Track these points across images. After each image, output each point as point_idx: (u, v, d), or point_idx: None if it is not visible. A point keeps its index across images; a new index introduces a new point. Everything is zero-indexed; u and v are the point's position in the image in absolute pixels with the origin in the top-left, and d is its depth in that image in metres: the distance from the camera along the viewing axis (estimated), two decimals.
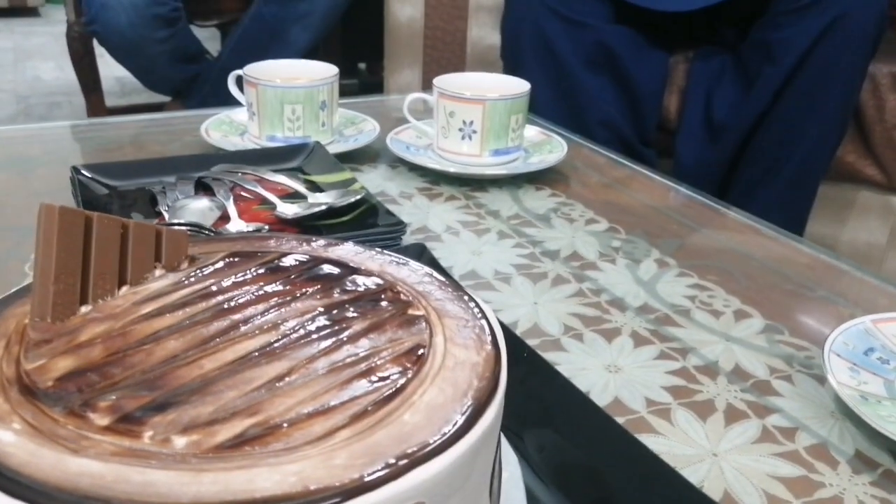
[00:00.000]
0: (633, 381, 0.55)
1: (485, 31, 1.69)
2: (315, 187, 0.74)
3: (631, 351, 0.58)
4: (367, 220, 0.69)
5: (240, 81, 0.95)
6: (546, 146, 0.94)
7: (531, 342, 0.58)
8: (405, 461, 0.31)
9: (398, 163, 0.93)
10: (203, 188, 0.73)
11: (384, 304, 0.40)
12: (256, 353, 0.36)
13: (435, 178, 0.89)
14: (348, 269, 0.44)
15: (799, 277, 0.71)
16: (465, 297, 0.41)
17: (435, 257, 0.63)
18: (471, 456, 0.33)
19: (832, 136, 1.49)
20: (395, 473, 0.30)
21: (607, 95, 1.53)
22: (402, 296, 0.41)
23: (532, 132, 0.97)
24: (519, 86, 0.90)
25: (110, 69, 2.38)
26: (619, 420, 0.50)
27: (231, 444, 0.31)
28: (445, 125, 0.89)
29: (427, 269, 0.44)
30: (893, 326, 0.57)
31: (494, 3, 1.65)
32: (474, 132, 0.87)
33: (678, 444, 0.49)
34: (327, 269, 0.44)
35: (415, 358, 0.36)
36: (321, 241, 0.48)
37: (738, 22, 1.57)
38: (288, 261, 0.44)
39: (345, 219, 0.69)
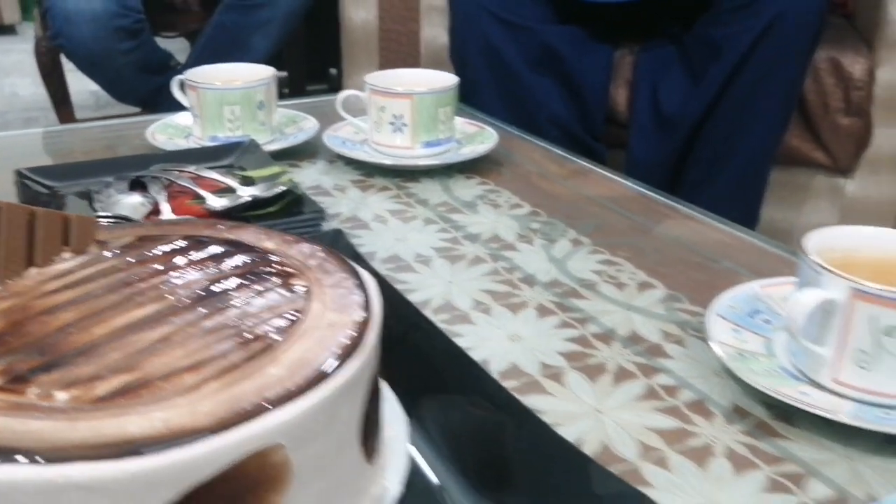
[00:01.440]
0: (532, 348, 0.58)
1: (437, 31, 1.72)
2: (249, 181, 0.78)
3: (534, 321, 0.62)
4: (291, 210, 0.72)
5: (184, 86, 0.98)
6: (478, 137, 0.98)
7: (441, 317, 0.62)
8: (262, 406, 0.34)
9: (336, 158, 0.96)
10: (139, 186, 0.76)
11: (270, 276, 0.44)
12: (142, 320, 0.39)
13: (370, 171, 0.92)
14: (243, 248, 0.47)
15: (707, 251, 0.75)
16: (351, 273, 0.45)
17: (350, 242, 0.67)
18: (329, 404, 0.36)
19: (777, 127, 1.53)
20: (251, 416, 0.34)
21: (554, 94, 1.57)
22: (287, 269, 0.45)
23: (464, 124, 1.01)
24: (446, 80, 0.93)
25: (85, 83, 2.40)
26: (514, 383, 0.54)
27: (107, 397, 0.34)
28: (378, 120, 0.92)
29: (320, 249, 0.48)
30: (780, 290, 0.61)
31: (444, 4, 1.69)
32: (405, 125, 0.91)
33: (566, 402, 0.52)
34: (223, 247, 0.47)
35: (288, 321, 0.40)
36: (224, 225, 0.51)
37: (681, 17, 1.61)
38: (187, 241, 0.47)
39: (271, 209, 0.72)
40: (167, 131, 1.00)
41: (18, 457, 0.31)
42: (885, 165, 1.62)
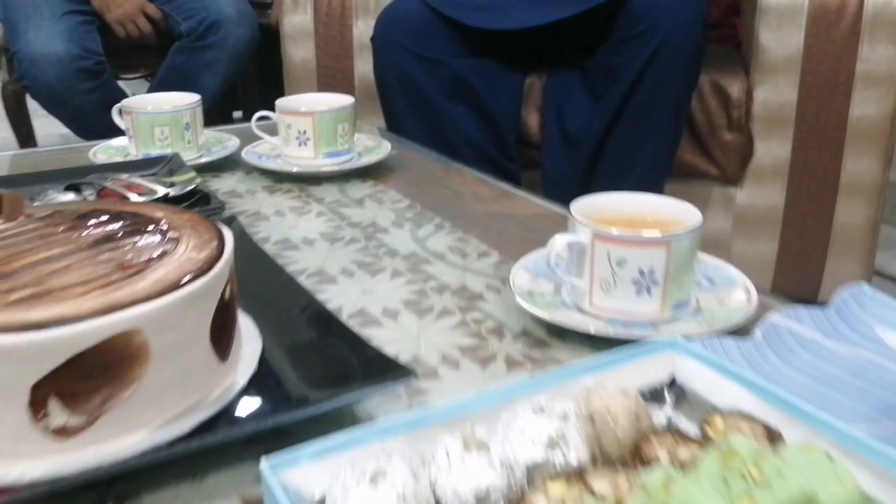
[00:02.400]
0: (379, 299, 0.74)
1: (368, 67, 1.90)
2: (169, 185, 0.93)
3: (387, 281, 0.78)
4: (198, 204, 0.88)
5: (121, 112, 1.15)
6: (376, 150, 1.15)
7: (312, 280, 0.78)
8: (126, 303, 0.50)
9: (253, 170, 1.13)
10: (75, 190, 0.92)
11: (152, 231, 0.60)
12: (50, 257, 0.55)
13: (280, 179, 1.09)
14: (136, 215, 0.63)
15: (542, 229, 0.91)
16: (215, 231, 0.61)
17: (242, 225, 0.82)
18: (176, 306, 0.52)
19: (668, 144, 1.71)
20: (117, 309, 0.49)
21: (468, 120, 1.75)
22: (166, 227, 0.61)
23: (365, 139, 1.17)
24: (344, 100, 1.10)
25: (55, 127, 2.55)
26: (358, 320, 0.70)
27: (19, 301, 0.50)
28: (286, 136, 1.09)
29: (197, 217, 0.63)
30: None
31: None
32: (308, 139, 1.07)
33: (395, 332, 0.68)
34: (120, 214, 0.63)
35: (158, 256, 0.56)
36: (130, 204, 0.67)
37: (583, 46, 1.79)
38: (95, 212, 0.63)
39: (184, 205, 0.88)
40: (107, 151, 1.16)
41: None
42: (768, 175, 1.80)
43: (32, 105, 2.36)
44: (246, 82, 2.60)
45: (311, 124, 1.07)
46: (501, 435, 0.45)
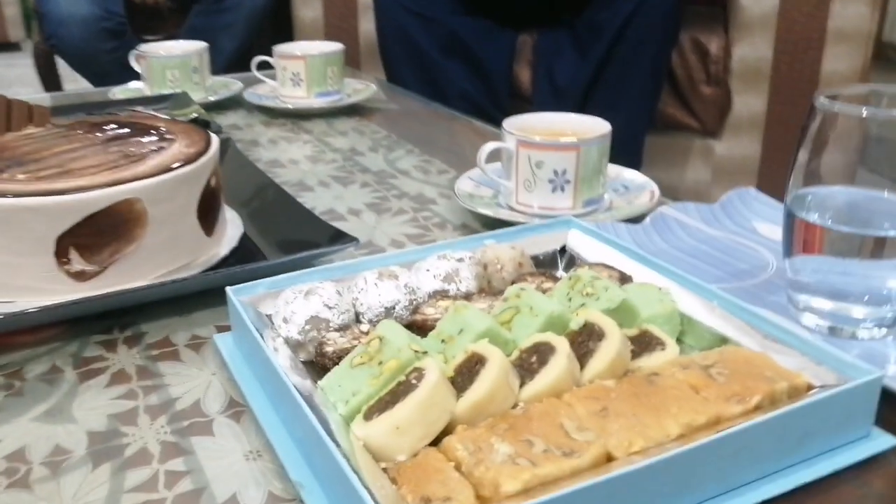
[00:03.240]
0: (347, 202, 0.88)
1: (371, 25, 2.02)
2: (175, 116, 1.07)
3: (356, 190, 0.92)
4: None
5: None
6: (363, 92, 1.28)
7: (293, 188, 0.91)
8: (130, 178, 0.64)
9: (255, 109, 1.26)
10: None
11: (153, 133, 0.74)
12: (70, 149, 0.69)
13: (276, 116, 1.23)
14: (141, 123, 0.77)
15: None
16: (205, 136, 0.74)
17: (236, 145, 0.96)
18: (169, 184, 0.66)
19: (648, 97, 1.83)
20: (121, 182, 0.63)
21: (462, 74, 1.87)
22: (165, 131, 0.74)
23: (354, 83, 1.31)
24: (334, 46, 1.24)
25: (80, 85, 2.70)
26: (328, 216, 0.83)
27: (46, 177, 0.64)
28: (282, 77, 1.23)
29: (192, 127, 0.77)
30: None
31: None
32: (301, 80, 1.21)
33: (356, 225, 0.82)
34: (129, 123, 0.77)
35: (157, 149, 0.70)
36: (137, 115, 0.81)
37: (573, 5, 1.91)
38: (108, 121, 0.77)
39: None
40: (126, 92, 1.30)
41: (8, 195, 0.60)
42: (745, 127, 1.91)
43: (65, 71, 2.51)
44: (261, 41, 2.74)
45: (303, 66, 1.20)
46: (410, 272, 0.59)
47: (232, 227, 0.77)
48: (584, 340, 0.49)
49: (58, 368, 0.58)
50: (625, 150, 1.90)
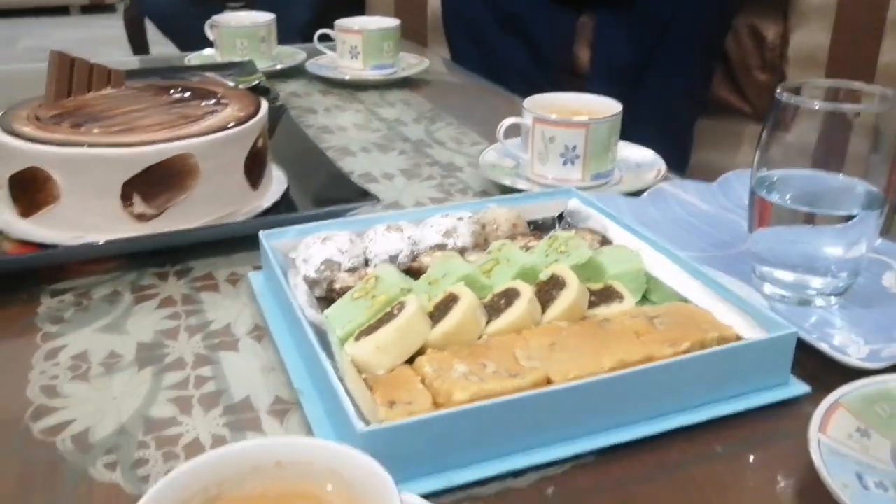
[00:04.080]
0: (382, 166, 0.97)
1: (437, 1, 2.11)
2: (241, 82, 1.18)
3: (395, 156, 1.01)
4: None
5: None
6: (416, 66, 1.37)
7: (338, 153, 1.01)
8: (185, 136, 0.74)
9: (315, 79, 1.37)
10: None
11: (210, 98, 0.84)
12: (138, 108, 0.80)
13: (334, 86, 1.33)
14: (202, 89, 0.88)
15: None
16: (255, 101, 0.85)
17: (290, 112, 1.06)
18: (219, 143, 0.76)
19: (700, 80, 1.87)
20: (179, 138, 0.74)
21: (520, 54, 1.94)
22: (221, 96, 0.85)
23: (409, 57, 1.40)
24: (390, 22, 1.33)
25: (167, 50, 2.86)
26: (365, 179, 0.93)
27: (116, 132, 0.75)
28: (341, 50, 1.32)
29: (245, 93, 0.88)
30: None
31: None
32: (358, 53, 1.30)
33: (386, 187, 0.91)
34: (191, 87, 0.88)
35: (211, 111, 0.80)
36: (198, 81, 0.92)
37: None
38: (174, 85, 0.88)
39: None
40: (200, 58, 1.42)
41: (84, 146, 0.72)
42: None
43: (154, 35, 2.66)
44: (333, 13, 2.84)
45: (360, 40, 1.30)
46: (417, 227, 0.68)
47: (277, 182, 0.87)
48: (549, 289, 0.58)
49: (118, 293, 0.69)
50: (675, 132, 1.95)
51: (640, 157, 0.94)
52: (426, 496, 0.44)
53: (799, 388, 0.54)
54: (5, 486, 0.48)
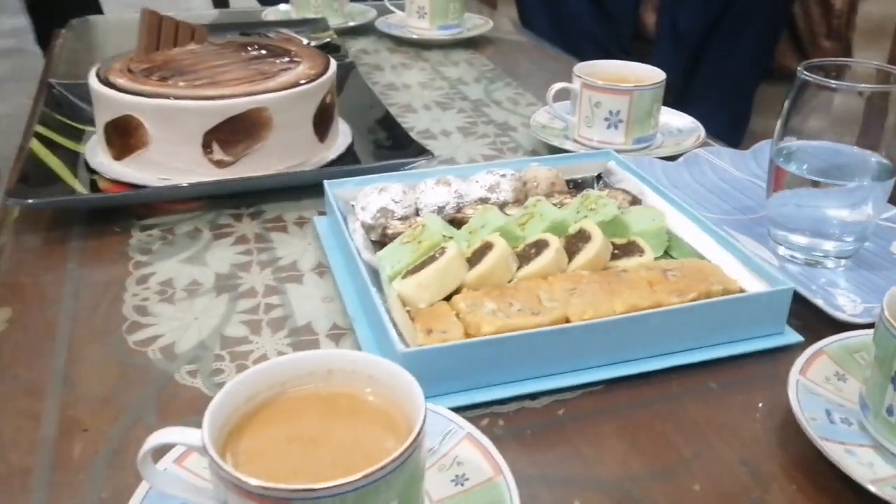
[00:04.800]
0: (442, 124, 1.05)
1: None
2: (313, 39, 1.26)
3: (454, 115, 1.08)
4: (329, 53, 1.20)
5: None
6: (482, 27, 1.43)
7: (401, 109, 1.09)
8: (262, 91, 0.83)
9: (384, 37, 1.44)
10: (247, 36, 1.26)
11: (285, 55, 0.92)
12: (221, 63, 0.89)
13: (401, 44, 1.40)
14: (278, 46, 0.96)
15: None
16: (325, 59, 0.93)
17: (358, 69, 1.14)
18: (292, 97, 0.84)
19: (763, 47, 1.88)
20: (253, 94, 0.82)
21: (589, 16, 1.98)
22: (295, 54, 0.93)
23: (475, 18, 1.46)
24: None
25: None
26: (423, 135, 1.00)
27: (200, 85, 0.84)
28: (409, 10, 1.39)
29: (316, 51, 0.96)
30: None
31: None
32: (426, 13, 1.37)
33: (443, 144, 0.99)
34: (268, 45, 0.96)
35: (285, 68, 0.88)
36: (274, 39, 1.00)
37: None
38: (252, 43, 0.97)
39: None
40: (276, 13, 1.50)
41: (171, 97, 0.81)
42: None
43: None
44: None
45: (428, 1, 1.36)
46: (464, 182, 0.75)
47: (343, 136, 0.95)
48: (576, 242, 0.65)
49: (198, 229, 0.79)
50: (736, 96, 1.97)
51: (682, 124, 0.99)
52: (454, 409, 0.52)
53: (792, 337, 0.60)
54: (108, 383, 0.58)
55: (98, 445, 0.52)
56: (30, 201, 0.77)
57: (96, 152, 0.89)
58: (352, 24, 1.46)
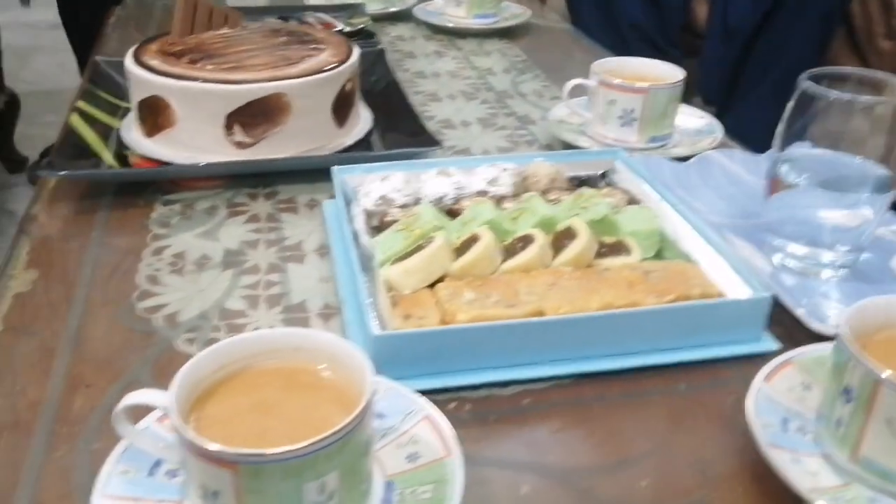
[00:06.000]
0: (463, 114, 1.07)
1: None
2: (349, 24, 1.30)
3: (476, 105, 1.10)
4: (363, 38, 1.23)
5: None
6: (519, 17, 1.45)
7: (426, 97, 1.11)
8: (282, 77, 0.86)
9: (422, 23, 1.46)
10: (285, 20, 1.30)
11: (311, 43, 0.96)
12: (248, 49, 0.93)
13: (438, 31, 1.42)
14: (306, 33, 0.99)
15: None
16: (348, 46, 0.95)
17: (386, 56, 1.16)
18: (311, 84, 0.87)
19: (814, 44, 1.85)
20: (277, 79, 0.86)
21: (637, 6, 1.97)
22: (320, 40, 0.96)
23: (512, 7, 1.47)
24: None
25: None
26: (441, 126, 1.03)
27: (226, 69, 0.88)
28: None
29: (341, 39, 0.99)
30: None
31: None
32: (462, 1, 1.39)
33: (462, 134, 1.01)
34: (296, 32, 0.99)
35: (308, 55, 0.91)
36: (304, 26, 1.04)
37: None
38: (282, 29, 1.00)
39: (353, 39, 1.24)
40: None
41: (197, 80, 0.85)
42: None
43: None
44: None
45: None
46: (465, 173, 0.78)
47: (363, 122, 0.98)
48: (563, 238, 0.67)
49: (216, 206, 0.83)
50: (786, 93, 1.92)
51: (700, 125, 1.00)
52: (424, 391, 0.55)
53: (769, 345, 0.62)
54: (114, 344, 0.62)
55: (96, 402, 0.56)
56: (60, 173, 0.82)
57: (131, 129, 0.93)
58: (392, 9, 1.48)
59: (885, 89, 0.69)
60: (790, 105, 0.69)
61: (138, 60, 0.89)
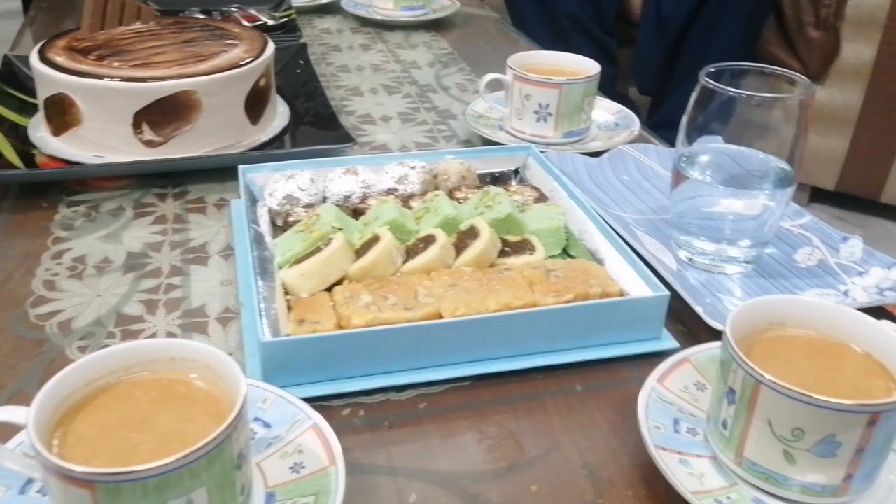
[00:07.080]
0: (385, 109, 1.06)
1: None
2: (273, 17, 1.27)
3: (398, 99, 1.09)
4: (287, 32, 1.21)
5: None
6: (448, 9, 1.44)
7: (347, 92, 1.10)
8: (191, 74, 0.84)
9: (349, 16, 1.45)
10: (208, 14, 1.27)
11: (224, 38, 0.94)
12: (157, 45, 0.90)
13: (365, 24, 1.41)
14: (220, 28, 0.97)
15: None
16: (263, 41, 0.94)
17: (307, 50, 1.15)
18: (220, 80, 0.86)
19: (745, 35, 1.87)
20: (186, 76, 0.84)
21: None
22: (234, 37, 0.94)
23: (442, 0, 1.46)
24: None
25: None
26: (361, 120, 1.02)
27: (133, 66, 0.85)
28: None
29: (257, 33, 0.97)
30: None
31: None
32: None
33: (382, 129, 1.00)
34: (211, 27, 0.97)
35: (220, 52, 0.90)
36: (220, 20, 1.02)
37: None
38: (195, 24, 0.98)
39: (276, 33, 1.22)
40: None
41: (102, 78, 0.82)
42: (850, 76, 1.91)
43: None
44: None
45: None
46: (373, 171, 0.77)
47: (280, 118, 0.97)
48: (466, 238, 0.66)
49: (122, 208, 0.81)
50: None
51: (618, 118, 1.00)
52: (317, 399, 0.55)
53: (668, 343, 0.62)
54: (3, 352, 0.60)
55: None
56: None
57: (39, 128, 0.90)
58: (320, 1, 1.46)
59: (783, 85, 0.69)
60: (691, 100, 0.69)
61: (44, 57, 0.87)
